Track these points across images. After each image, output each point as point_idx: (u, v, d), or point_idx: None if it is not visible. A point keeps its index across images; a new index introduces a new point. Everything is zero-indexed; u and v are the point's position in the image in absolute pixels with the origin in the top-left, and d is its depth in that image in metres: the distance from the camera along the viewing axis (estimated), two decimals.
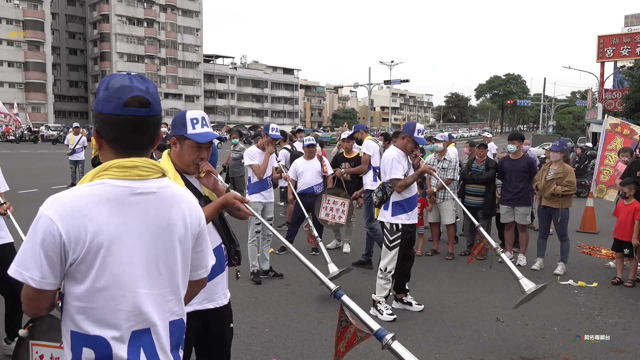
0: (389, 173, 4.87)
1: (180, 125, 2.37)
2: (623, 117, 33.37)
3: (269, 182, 6.16)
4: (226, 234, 2.52)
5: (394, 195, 4.94)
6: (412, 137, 4.85)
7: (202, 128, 2.36)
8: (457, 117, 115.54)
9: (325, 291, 5.75)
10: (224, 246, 2.49)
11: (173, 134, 2.43)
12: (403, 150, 4.96)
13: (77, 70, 76.66)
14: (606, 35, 42.20)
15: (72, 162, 14.17)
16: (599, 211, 10.17)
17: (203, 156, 2.40)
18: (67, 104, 74.01)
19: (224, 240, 2.49)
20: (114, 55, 70.00)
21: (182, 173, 2.42)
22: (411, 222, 5.03)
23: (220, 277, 2.47)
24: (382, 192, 5.01)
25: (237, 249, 2.54)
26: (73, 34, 75.84)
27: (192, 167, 2.40)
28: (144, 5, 72.51)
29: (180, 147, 2.39)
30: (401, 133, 5.06)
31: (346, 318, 2.60)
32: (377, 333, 2.12)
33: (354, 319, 2.56)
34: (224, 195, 2.36)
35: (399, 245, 4.92)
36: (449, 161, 7.53)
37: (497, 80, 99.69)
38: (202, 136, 2.34)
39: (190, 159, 2.37)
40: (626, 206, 6.26)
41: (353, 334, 2.60)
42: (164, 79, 74.48)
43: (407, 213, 4.95)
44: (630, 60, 42.41)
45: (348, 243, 7.73)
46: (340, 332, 2.65)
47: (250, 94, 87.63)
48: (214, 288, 2.44)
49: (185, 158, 2.38)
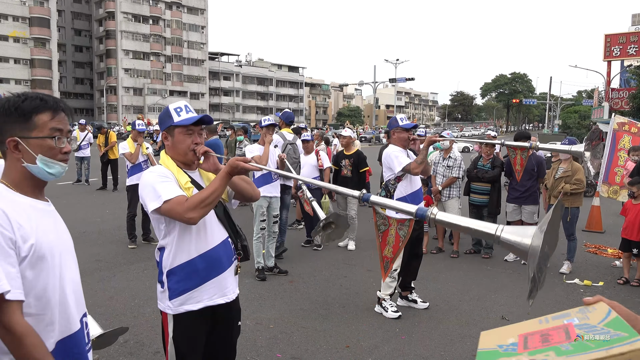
0: (395, 166, 4.81)
1: (166, 118, 2.40)
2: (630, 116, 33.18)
3: (273, 175, 6.18)
4: (232, 228, 2.50)
5: (397, 192, 4.89)
6: (399, 127, 4.88)
7: (187, 114, 2.39)
8: (462, 115, 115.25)
9: (329, 288, 5.75)
10: (230, 240, 2.47)
11: (162, 130, 2.44)
12: (399, 145, 4.93)
13: (82, 68, 76.90)
14: (613, 34, 41.98)
15: (77, 159, 14.23)
16: (605, 210, 10.11)
17: (197, 141, 2.41)
18: (73, 101, 74.24)
19: (230, 234, 2.47)
20: (120, 53, 70.17)
21: (184, 170, 2.41)
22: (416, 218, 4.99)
23: (229, 272, 2.45)
24: (385, 190, 4.98)
25: (244, 243, 2.52)
26: (79, 31, 76.08)
27: (189, 154, 2.39)
28: (150, 2, 72.63)
29: (172, 138, 2.40)
30: (390, 132, 5.11)
31: (383, 221, 2.40)
32: (418, 213, 2.03)
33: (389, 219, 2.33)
34: (227, 164, 2.31)
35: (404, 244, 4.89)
36: (454, 159, 7.50)
37: (502, 79, 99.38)
38: (189, 119, 2.37)
39: (185, 145, 2.38)
40: (635, 206, 6.21)
41: (396, 236, 2.40)
42: (169, 77, 74.61)
43: None
44: (638, 59, 42.17)
45: (352, 240, 7.72)
46: (381, 238, 2.46)
47: (255, 91, 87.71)
48: (224, 282, 2.42)
49: (179, 147, 2.39)
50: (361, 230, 8.22)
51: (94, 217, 9.68)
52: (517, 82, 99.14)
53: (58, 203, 3.04)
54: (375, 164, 12.11)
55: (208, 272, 2.36)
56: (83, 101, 76.44)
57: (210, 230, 2.39)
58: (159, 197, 2.21)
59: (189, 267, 2.34)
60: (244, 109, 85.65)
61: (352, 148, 7.99)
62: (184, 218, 2.19)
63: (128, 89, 71.29)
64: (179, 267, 2.34)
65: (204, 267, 2.35)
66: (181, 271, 2.34)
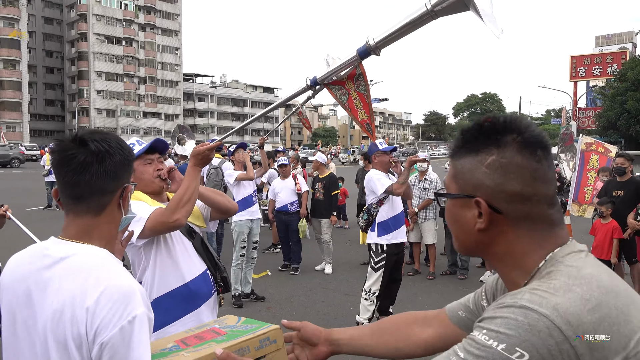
0: (377, 189, 4.89)
1: None
2: (596, 134, 34.21)
3: (254, 198, 6.42)
4: (210, 259, 2.46)
5: (379, 216, 4.97)
6: (380, 151, 5.00)
7: (140, 146, 2.39)
8: (435, 135, 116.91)
9: (307, 314, 5.70)
10: (209, 272, 2.44)
11: None
12: (381, 169, 5.02)
13: (53, 89, 75.81)
14: (579, 56, 43.48)
15: (47, 184, 13.89)
16: (576, 228, 10.31)
17: (160, 167, 2.40)
18: (44, 123, 73.01)
19: (209, 266, 2.44)
20: (92, 74, 69.46)
21: (158, 201, 2.38)
22: (398, 242, 5.03)
23: (207, 305, 2.40)
24: (367, 214, 5.02)
25: (223, 274, 2.49)
26: (50, 52, 75.19)
27: (156, 181, 2.38)
28: (123, 24, 72.31)
29: (134, 174, 2.34)
30: (371, 157, 5.22)
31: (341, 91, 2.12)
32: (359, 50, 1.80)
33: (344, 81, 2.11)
34: (190, 155, 2.28)
35: (385, 267, 4.91)
36: (430, 181, 7.58)
37: (474, 98, 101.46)
38: (144, 147, 2.37)
39: (148, 174, 2.36)
40: (604, 225, 6.35)
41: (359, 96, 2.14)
42: (142, 98, 74.05)
43: (392, 232, 4.96)
44: (602, 79, 43.69)
45: (329, 264, 7.69)
46: (349, 107, 2.19)
47: (230, 112, 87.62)
48: (202, 316, 2.37)
49: (144, 178, 2.36)
50: (337, 253, 8.21)
51: None
52: (488, 101, 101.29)
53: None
54: (352, 186, 12.19)
55: (186, 305, 2.32)
56: (54, 123, 75.17)
57: (188, 263, 2.35)
58: (139, 219, 2.14)
59: (166, 301, 2.30)
60: (219, 130, 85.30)
61: (325, 171, 8.03)
62: (169, 224, 2.15)
63: (100, 110, 70.46)
64: (155, 301, 2.29)
65: (181, 300, 2.31)
66: (158, 305, 2.27)
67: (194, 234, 2.47)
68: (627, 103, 32.81)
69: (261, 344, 1.27)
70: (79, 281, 1.18)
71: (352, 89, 2.11)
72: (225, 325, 1.36)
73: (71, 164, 1.25)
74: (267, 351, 1.27)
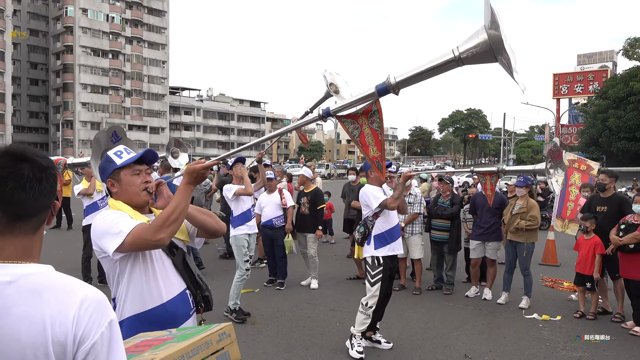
0: (372, 203, 4.95)
1: (107, 165, 2.29)
2: (579, 151, 34.74)
3: (252, 213, 6.47)
4: (190, 278, 2.33)
5: (375, 229, 5.01)
6: None
7: (128, 155, 2.29)
8: (421, 150, 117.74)
9: (293, 330, 5.65)
10: (188, 292, 2.31)
11: (106, 179, 2.31)
12: (376, 184, 5.09)
13: (38, 101, 74.99)
14: (561, 74, 44.25)
15: None
16: (560, 244, 10.43)
17: (147, 179, 2.30)
18: (27, 135, 72.04)
19: (189, 285, 2.31)
20: (77, 87, 68.93)
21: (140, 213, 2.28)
22: (394, 253, 5.05)
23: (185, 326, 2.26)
24: (364, 227, 5.05)
25: (204, 294, 2.36)
26: (35, 64, 74.50)
27: (142, 194, 2.26)
28: (109, 37, 72.08)
29: (120, 183, 2.27)
30: (367, 172, 5.29)
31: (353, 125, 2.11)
32: (378, 88, 1.82)
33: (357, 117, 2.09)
34: (184, 172, 2.18)
35: (382, 280, 4.91)
36: (415, 195, 7.62)
37: (459, 114, 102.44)
38: (133, 157, 2.27)
39: (135, 186, 2.26)
40: (587, 241, 6.43)
41: (372, 132, 2.14)
42: (128, 111, 73.57)
43: (389, 244, 4.99)
44: (584, 97, 44.48)
45: (315, 279, 7.66)
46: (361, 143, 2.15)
47: (217, 126, 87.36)
48: None
49: (130, 189, 2.26)
50: (323, 268, 8.18)
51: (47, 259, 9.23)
52: (472, 117, 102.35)
53: None
54: (338, 200, 12.18)
55: (162, 327, 2.11)
56: (38, 135, 74.26)
57: (166, 281, 2.23)
58: (120, 232, 2.04)
59: (140, 320, 2.17)
60: (205, 144, 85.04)
61: (311, 185, 8.03)
62: (151, 242, 2.04)
63: (85, 123, 69.80)
64: (128, 320, 2.17)
65: (156, 321, 2.16)
66: (130, 325, 2.16)
67: (175, 250, 2.33)
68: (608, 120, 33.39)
69: (220, 337, 1.56)
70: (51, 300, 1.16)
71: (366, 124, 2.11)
72: (165, 335, 1.69)
73: (20, 180, 1.19)
74: (225, 343, 1.56)
